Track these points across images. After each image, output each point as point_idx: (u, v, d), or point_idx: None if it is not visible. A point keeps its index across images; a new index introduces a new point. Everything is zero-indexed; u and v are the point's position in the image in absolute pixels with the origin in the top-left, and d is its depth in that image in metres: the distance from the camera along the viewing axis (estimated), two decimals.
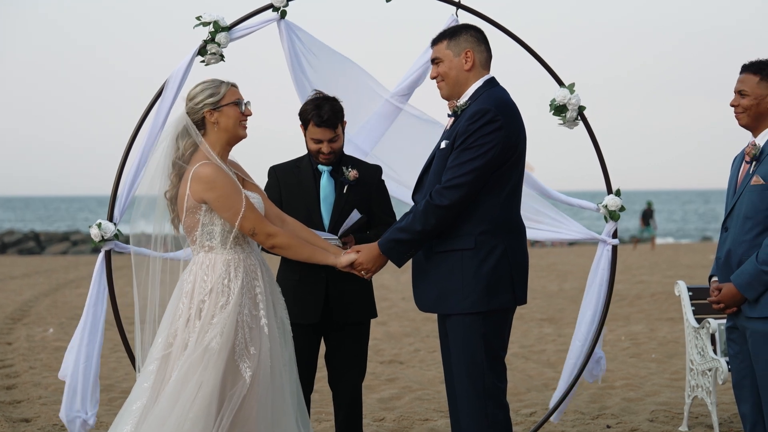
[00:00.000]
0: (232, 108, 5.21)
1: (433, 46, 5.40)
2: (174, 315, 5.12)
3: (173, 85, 6.39)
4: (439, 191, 5.10)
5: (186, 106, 5.21)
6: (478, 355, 5.17)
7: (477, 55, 5.29)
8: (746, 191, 5.41)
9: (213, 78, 5.26)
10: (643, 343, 12.23)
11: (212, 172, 5.09)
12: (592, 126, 6.80)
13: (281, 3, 6.50)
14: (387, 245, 5.25)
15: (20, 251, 41.19)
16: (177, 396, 4.94)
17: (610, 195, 6.93)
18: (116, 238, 6.43)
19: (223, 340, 4.99)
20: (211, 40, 6.39)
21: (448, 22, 6.70)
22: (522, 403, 8.74)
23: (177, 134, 5.18)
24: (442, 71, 5.32)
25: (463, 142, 5.10)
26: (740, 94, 5.49)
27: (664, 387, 9.32)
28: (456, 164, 5.10)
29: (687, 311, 7.64)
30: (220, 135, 5.21)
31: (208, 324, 5.03)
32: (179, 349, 5.05)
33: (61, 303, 17.58)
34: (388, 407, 8.69)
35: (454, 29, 5.36)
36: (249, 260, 5.22)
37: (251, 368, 5.03)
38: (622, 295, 17.26)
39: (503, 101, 5.20)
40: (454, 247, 5.17)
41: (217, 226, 5.15)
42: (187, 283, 5.15)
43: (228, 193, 5.09)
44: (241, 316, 5.08)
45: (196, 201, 5.10)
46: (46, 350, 11.97)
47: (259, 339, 5.10)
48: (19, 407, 8.66)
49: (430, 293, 5.28)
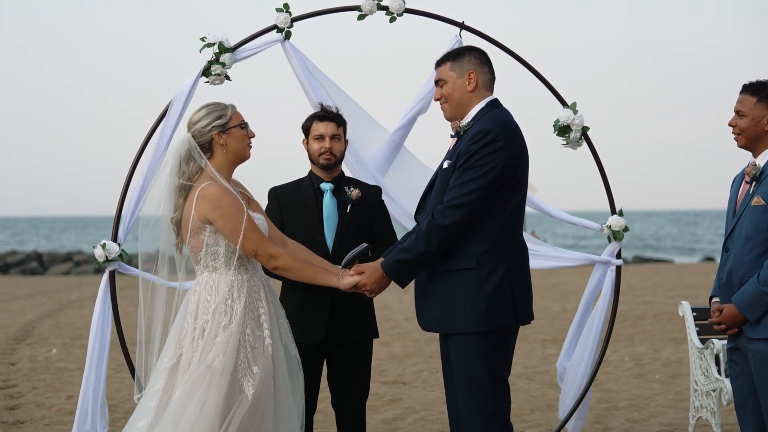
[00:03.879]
0: (239, 130, 5.28)
1: (436, 68, 5.41)
2: (179, 334, 5.16)
3: (177, 105, 6.42)
4: (442, 211, 5.11)
5: (191, 129, 5.25)
6: (480, 374, 5.17)
7: (480, 77, 5.31)
8: (747, 212, 5.41)
9: (215, 101, 5.31)
10: (647, 363, 12.21)
11: (218, 191, 5.13)
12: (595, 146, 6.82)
13: (285, 24, 6.53)
14: (390, 266, 5.26)
15: (23, 271, 41.17)
16: (180, 414, 4.96)
17: (614, 215, 6.94)
18: (120, 258, 6.44)
19: (225, 359, 5.02)
20: (216, 61, 6.42)
21: (452, 43, 6.73)
22: (526, 423, 8.72)
23: (180, 158, 5.22)
24: (445, 93, 5.34)
25: (465, 162, 5.11)
26: (738, 115, 5.50)
27: (668, 408, 9.29)
28: (458, 184, 5.11)
29: (691, 332, 7.63)
30: (227, 157, 5.27)
31: (211, 343, 5.06)
32: (184, 368, 5.08)
33: (64, 323, 17.57)
34: (391, 428, 8.67)
35: (458, 51, 5.38)
36: (252, 281, 5.24)
37: (254, 386, 5.05)
38: (625, 316, 17.23)
39: (505, 122, 5.22)
40: (456, 267, 5.17)
41: (221, 247, 5.17)
42: (191, 303, 5.19)
43: (231, 213, 5.12)
44: (244, 336, 5.11)
45: (201, 221, 5.13)
46: (50, 371, 11.96)
47: (262, 358, 5.12)
48: (22, 428, 8.65)
49: (432, 312, 5.28)
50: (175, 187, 5.21)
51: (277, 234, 5.52)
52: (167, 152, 5.36)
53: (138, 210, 6.43)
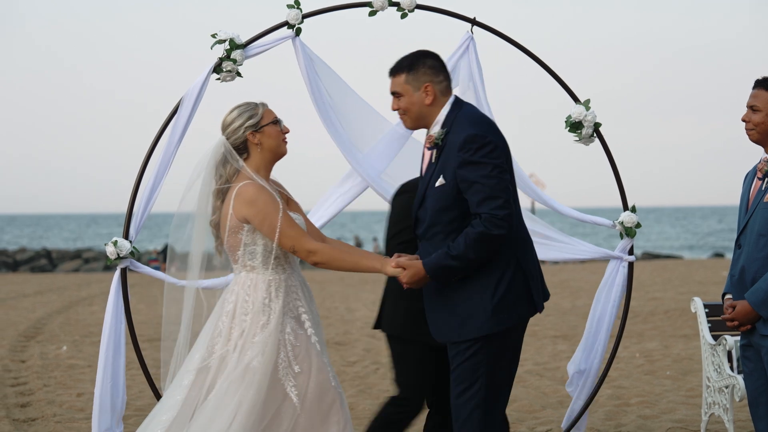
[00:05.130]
0: (272, 127, 5.26)
1: (391, 77, 5.29)
2: (213, 332, 5.15)
3: (189, 102, 6.41)
4: (492, 221, 4.97)
5: (224, 132, 5.24)
6: (508, 370, 5.23)
7: (436, 87, 5.21)
8: (759, 208, 5.39)
9: (245, 101, 5.29)
10: (658, 360, 12.18)
11: (254, 190, 5.13)
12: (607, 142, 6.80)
13: (296, 20, 6.51)
14: (436, 271, 5.10)
15: (32, 269, 41.30)
16: (216, 413, 4.96)
17: (626, 211, 6.92)
18: (132, 255, 6.42)
19: (264, 359, 5.01)
20: (227, 58, 6.41)
21: (463, 39, 6.72)
22: (537, 420, 8.71)
23: (216, 162, 5.21)
24: (403, 106, 5.25)
25: (473, 173, 5.00)
26: (752, 110, 5.46)
27: (680, 404, 9.27)
28: (486, 193, 4.98)
29: (703, 328, 7.60)
30: (264, 155, 5.25)
31: (249, 343, 5.06)
32: (216, 366, 5.07)
33: (74, 321, 17.60)
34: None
35: (412, 61, 5.24)
36: (290, 280, 5.23)
37: (297, 387, 5.04)
38: (635, 312, 17.20)
39: (482, 120, 5.17)
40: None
41: (258, 246, 5.16)
42: (228, 302, 5.18)
43: (267, 211, 5.10)
44: (283, 335, 5.10)
45: (239, 220, 5.13)
46: (60, 368, 11.98)
47: (306, 357, 5.11)
48: (33, 425, 8.66)
49: (451, 321, 5.19)
50: (212, 191, 5.21)
51: (316, 232, 5.51)
52: (202, 157, 5.31)
53: (149, 207, 6.42)
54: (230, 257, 5.26)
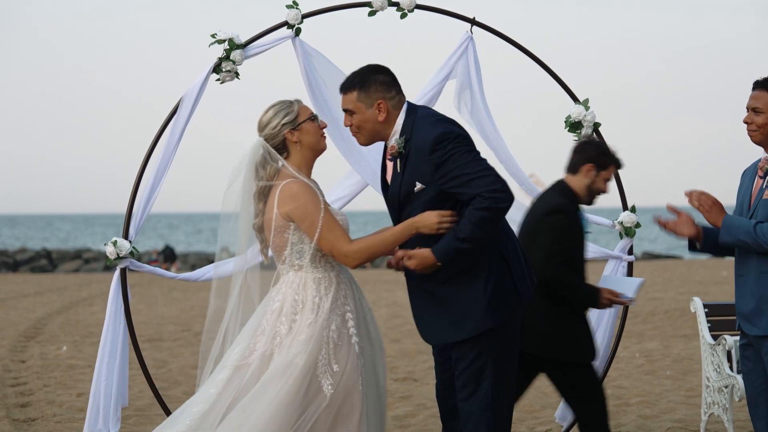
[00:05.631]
0: (310, 123, 5.21)
1: (342, 94, 5.24)
2: (256, 330, 5.12)
3: (188, 102, 6.41)
4: (493, 197, 4.93)
5: (262, 132, 5.18)
6: (514, 365, 5.24)
7: (389, 103, 5.17)
8: (761, 206, 5.39)
9: (280, 100, 5.24)
10: (658, 360, 12.19)
11: (297, 186, 5.08)
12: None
13: (296, 20, 6.52)
14: (447, 255, 5.04)
15: (32, 269, 41.27)
16: (253, 407, 4.94)
17: (626, 211, 6.92)
18: (131, 255, 6.43)
19: (307, 357, 4.99)
20: (226, 58, 6.41)
21: (463, 40, 6.73)
22: (537, 420, 8.71)
23: (256, 164, 5.16)
24: (356, 123, 5.20)
25: (452, 167, 4.97)
26: (754, 112, 5.44)
27: (680, 404, 9.27)
28: (475, 176, 4.95)
29: (703, 328, 7.61)
30: (303, 153, 5.21)
31: (294, 340, 5.03)
32: (257, 363, 5.04)
33: (74, 321, 17.60)
34: (402, 425, 8.67)
35: (363, 77, 5.18)
36: (339, 278, 5.20)
37: (333, 385, 5.01)
38: (635, 312, 17.20)
39: (439, 119, 5.14)
40: (457, 269, 5.09)
41: (306, 245, 5.12)
42: (275, 301, 5.15)
43: (308, 211, 5.06)
44: (328, 331, 5.06)
45: (284, 219, 5.09)
46: (60, 368, 11.98)
47: (346, 356, 5.08)
48: (33, 425, 8.66)
49: (442, 322, 5.18)
50: (253, 192, 5.17)
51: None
52: (240, 159, 5.24)
53: (149, 208, 6.42)
54: (276, 258, 5.20)
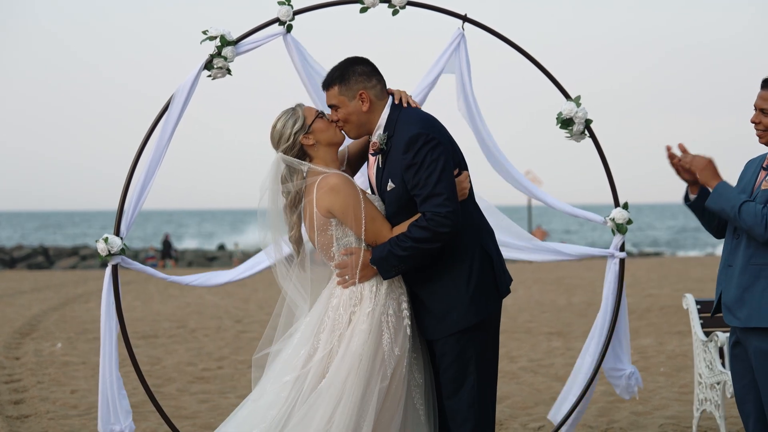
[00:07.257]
0: (320, 121, 5.24)
1: (325, 91, 5.28)
2: (317, 328, 5.14)
3: (179, 99, 6.40)
4: (434, 219, 4.98)
5: (278, 147, 5.21)
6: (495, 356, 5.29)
7: (371, 92, 5.21)
8: (760, 195, 5.37)
9: (282, 111, 5.28)
10: (652, 356, 12.20)
11: (336, 179, 5.10)
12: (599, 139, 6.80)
13: (287, 17, 6.51)
14: (381, 263, 5.11)
15: (29, 266, 41.31)
16: (321, 403, 4.96)
17: (618, 208, 6.92)
18: (123, 252, 6.42)
19: (369, 346, 5.02)
20: (218, 54, 6.40)
21: (455, 36, 6.71)
22: (530, 417, 8.72)
23: (282, 177, 5.19)
24: (342, 117, 5.23)
25: (416, 174, 5.01)
26: (762, 112, 5.36)
27: (673, 401, 9.29)
28: (429, 193, 4.99)
29: (695, 324, 7.61)
30: (324, 150, 5.24)
31: (356, 332, 5.05)
32: (320, 361, 5.06)
33: (70, 318, 17.59)
34: None
35: (342, 71, 5.22)
36: None
37: (391, 367, 5.04)
38: (630, 309, 17.22)
39: (423, 118, 5.18)
40: (442, 264, 5.12)
41: (351, 237, 5.13)
42: (334, 296, 5.17)
43: (350, 203, 5.07)
44: (386, 316, 5.09)
45: (324, 215, 5.09)
46: (54, 365, 11.98)
47: (403, 339, 5.11)
48: (26, 422, 8.67)
49: (432, 318, 5.20)
50: (282, 207, 5.21)
51: None
52: (264, 179, 5.28)
53: (140, 204, 6.41)
54: (325, 256, 5.20)
